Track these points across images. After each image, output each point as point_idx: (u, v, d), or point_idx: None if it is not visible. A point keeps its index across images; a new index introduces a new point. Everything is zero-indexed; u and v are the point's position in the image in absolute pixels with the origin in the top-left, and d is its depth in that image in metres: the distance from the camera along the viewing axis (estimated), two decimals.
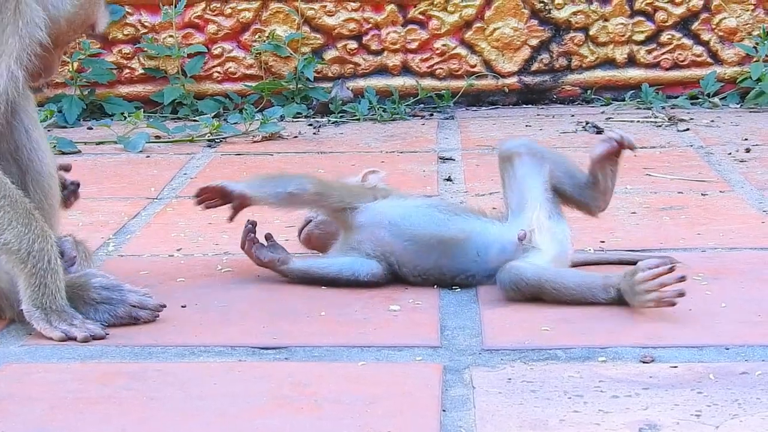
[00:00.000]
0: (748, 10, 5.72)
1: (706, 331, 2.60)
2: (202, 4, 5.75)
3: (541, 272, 2.80)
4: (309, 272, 2.99)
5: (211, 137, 5.07)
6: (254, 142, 5.03)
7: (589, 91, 5.80)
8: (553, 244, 2.90)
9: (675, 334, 2.58)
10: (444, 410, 2.22)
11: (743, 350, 2.48)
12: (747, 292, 2.86)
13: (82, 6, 2.71)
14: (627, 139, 3.01)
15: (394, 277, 2.98)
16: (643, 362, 2.43)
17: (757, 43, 5.64)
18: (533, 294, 2.79)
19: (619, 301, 2.73)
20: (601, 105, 5.72)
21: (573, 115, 5.47)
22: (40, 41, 2.62)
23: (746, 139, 4.80)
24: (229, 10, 5.75)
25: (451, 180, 4.21)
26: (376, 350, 2.53)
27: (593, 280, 2.78)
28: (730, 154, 4.53)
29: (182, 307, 2.82)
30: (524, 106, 5.81)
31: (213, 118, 5.42)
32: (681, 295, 2.64)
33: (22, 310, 2.61)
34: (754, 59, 5.64)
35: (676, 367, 2.40)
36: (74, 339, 2.57)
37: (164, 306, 2.71)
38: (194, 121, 5.42)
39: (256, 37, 5.76)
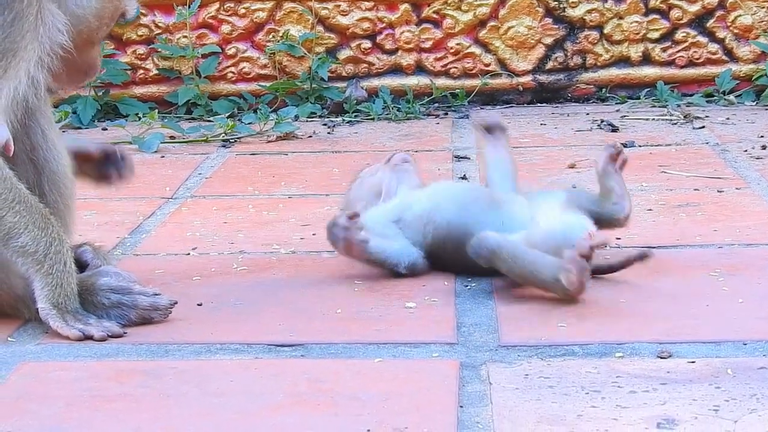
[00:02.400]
0: (763, 8, 5.69)
1: (724, 327, 2.59)
2: (216, 5, 5.75)
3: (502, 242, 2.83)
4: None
5: (225, 137, 5.07)
6: (269, 141, 5.03)
7: (604, 90, 5.79)
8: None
9: (692, 330, 2.57)
10: (461, 406, 2.21)
11: (761, 345, 2.47)
12: (764, 288, 2.85)
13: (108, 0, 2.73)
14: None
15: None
16: (661, 357, 2.42)
17: None
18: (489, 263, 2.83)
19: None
20: (616, 103, 5.70)
21: (588, 114, 5.46)
22: (62, 45, 2.63)
23: (762, 137, 4.79)
24: (243, 10, 5.76)
25: (466, 179, 4.20)
26: (392, 347, 2.53)
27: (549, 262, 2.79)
28: (745, 151, 4.52)
29: (198, 305, 2.82)
30: (539, 104, 5.80)
31: (227, 118, 5.42)
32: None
33: (38, 308, 2.61)
34: None
35: (693, 362, 2.39)
36: (91, 337, 2.58)
37: (176, 303, 2.70)
38: (209, 121, 5.43)
39: (270, 37, 5.76)
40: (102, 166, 3.10)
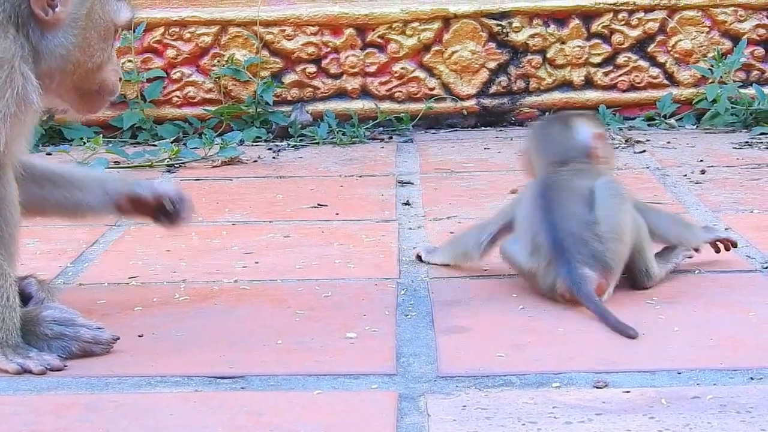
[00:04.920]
0: (703, 33, 5.78)
1: (659, 355, 2.62)
2: (161, 29, 5.76)
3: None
4: None
5: (170, 162, 5.07)
6: (213, 167, 5.03)
7: (547, 113, 5.83)
8: None
9: (628, 359, 2.60)
10: None
11: (695, 374, 2.51)
12: (700, 316, 2.89)
13: (85, 28, 2.73)
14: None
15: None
16: (597, 387, 2.45)
17: (712, 65, 5.70)
18: None
19: None
20: None
21: None
22: (34, 106, 2.65)
23: (701, 161, 4.85)
24: (188, 35, 5.76)
25: (409, 204, 4.23)
26: (332, 379, 2.54)
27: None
28: (685, 175, 4.58)
29: (139, 336, 2.82)
30: (483, 128, 5.85)
31: (172, 143, 5.42)
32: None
33: None
34: (710, 81, 5.70)
35: (628, 392, 2.42)
36: (30, 371, 2.57)
37: (118, 338, 2.70)
38: (153, 146, 5.42)
39: (216, 61, 5.77)
40: (159, 210, 3.06)
